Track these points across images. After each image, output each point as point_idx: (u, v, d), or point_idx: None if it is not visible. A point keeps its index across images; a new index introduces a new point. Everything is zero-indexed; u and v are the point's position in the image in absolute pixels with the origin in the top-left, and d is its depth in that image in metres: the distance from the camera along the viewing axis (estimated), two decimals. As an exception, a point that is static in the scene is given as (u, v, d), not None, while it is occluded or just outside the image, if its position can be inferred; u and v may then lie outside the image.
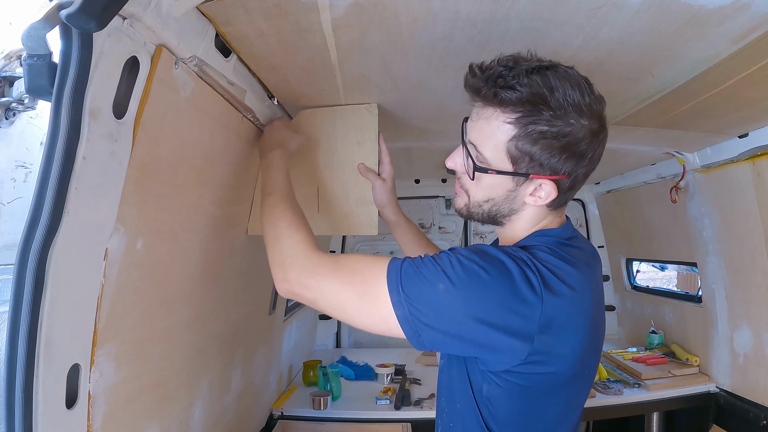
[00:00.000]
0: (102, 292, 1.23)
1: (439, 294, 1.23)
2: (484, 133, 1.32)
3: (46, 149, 1.01)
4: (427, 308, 1.24)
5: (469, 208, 1.44)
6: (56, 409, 1.11)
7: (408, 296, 1.25)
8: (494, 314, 1.21)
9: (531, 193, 1.34)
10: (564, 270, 1.28)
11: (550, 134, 1.23)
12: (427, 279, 1.24)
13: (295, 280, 1.44)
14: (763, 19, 1.35)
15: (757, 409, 2.89)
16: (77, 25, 0.95)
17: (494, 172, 1.32)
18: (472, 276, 1.23)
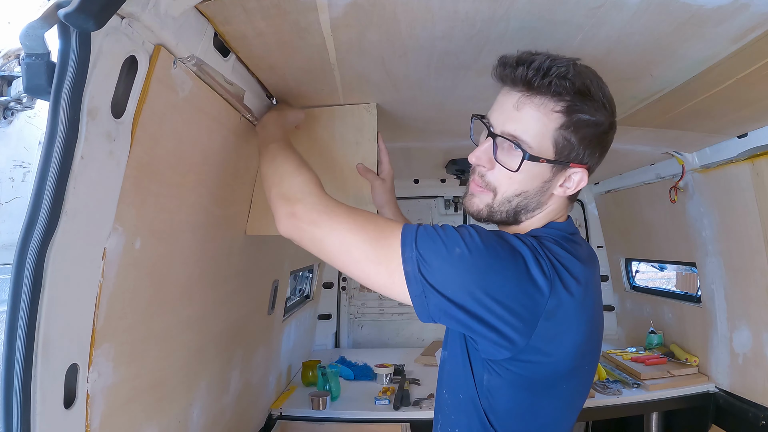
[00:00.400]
0: (100, 292, 1.22)
1: (453, 257, 1.21)
2: (529, 123, 1.29)
3: (44, 148, 1.01)
4: (438, 270, 1.21)
5: (492, 207, 1.39)
6: (54, 409, 1.11)
7: (421, 253, 1.23)
8: (505, 291, 1.20)
9: (561, 184, 1.36)
10: (571, 262, 1.29)
11: (591, 123, 1.29)
12: (443, 241, 1.23)
13: (303, 215, 1.41)
14: (762, 18, 1.35)
15: (756, 409, 2.89)
16: (75, 24, 0.95)
17: (544, 160, 1.30)
18: (489, 249, 1.23)
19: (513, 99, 1.31)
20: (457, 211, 4.90)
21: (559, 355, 1.29)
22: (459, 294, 1.20)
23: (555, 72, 1.24)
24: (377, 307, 4.98)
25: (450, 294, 1.20)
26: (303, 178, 1.51)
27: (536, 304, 1.21)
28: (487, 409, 1.35)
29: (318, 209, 1.40)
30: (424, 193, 4.81)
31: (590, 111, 1.27)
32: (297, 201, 1.43)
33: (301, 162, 1.60)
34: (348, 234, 1.33)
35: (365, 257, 1.30)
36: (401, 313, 4.96)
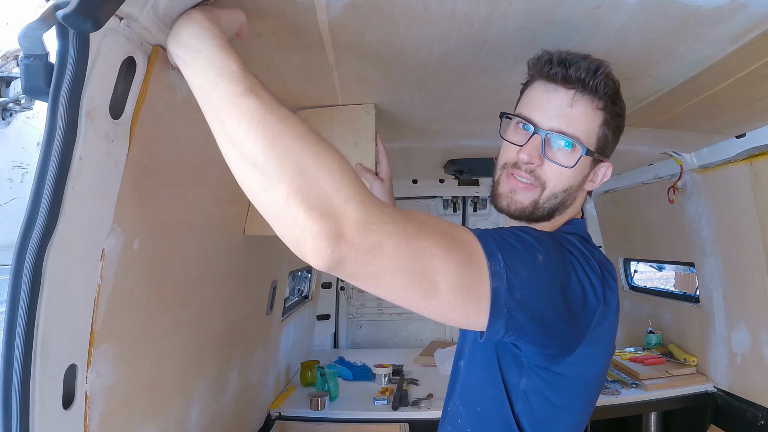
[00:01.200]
0: (99, 293, 1.22)
1: (538, 266, 1.10)
2: (581, 120, 1.32)
3: (43, 149, 1.01)
4: (527, 282, 1.07)
5: (538, 203, 1.35)
6: (53, 409, 1.11)
7: (509, 266, 1.06)
8: (574, 296, 1.15)
9: (591, 178, 1.40)
10: (608, 263, 1.30)
11: (621, 120, 1.38)
12: (524, 248, 1.11)
13: (360, 239, 0.91)
14: (760, 19, 1.35)
15: (755, 409, 2.89)
16: (74, 25, 0.94)
17: (597, 155, 1.35)
18: (556, 250, 1.17)
19: (565, 97, 1.32)
20: (455, 211, 4.91)
21: (601, 354, 1.30)
22: (542, 306, 1.09)
23: (602, 72, 1.30)
24: (376, 308, 4.98)
25: (534, 307, 1.08)
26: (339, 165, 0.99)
27: (591, 307, 1.18)
28: (522, 415, 1.29)
29: (383, 226, 0.94)
30: (422, 194, 4.81)
31: (621, 108, 1.37)
32: (346, 216, 0.91)
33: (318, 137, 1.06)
34: (434, 261, 0.99)
35: (456, 289, 1.03)
36: (400, 314, 4.97)
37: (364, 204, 0.94)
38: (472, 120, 2.33)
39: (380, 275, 0.95)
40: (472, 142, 2.84)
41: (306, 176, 0.92)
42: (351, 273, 0.94)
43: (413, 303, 1.02)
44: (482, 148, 2.95)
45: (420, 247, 0.97)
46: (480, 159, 3.32)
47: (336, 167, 0.96)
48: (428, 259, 0.98)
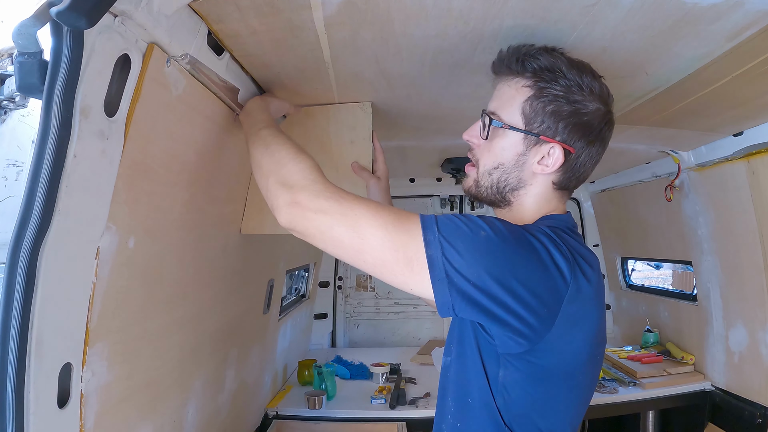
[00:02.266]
0: (93, 291, 1.22)
1: (479, 240, 1.18)
2: (503, 97, 1.43)
3: (37, 147, 1.00)
4: (465, 252, 1.16)
5: (478, 181, 1.46)
6: (48, 408, 1.11)
7: (444, 236, 1.18)
8: (530, 276, 1.19)
9: (539, 161, 1.39)
10: (583, 250, 1.32)
11: (562, 98, 1.35)
12: (467, 225, 1.20)
13: (308, 202, 1.29)
14: (757, 16, 1.35)
15: (753, 407, 2.89)
16: (67, 22, 0.94)
17: (507, 126, 1.39)
18: (513, 234, 1.22)
19: (497, 82, 1.48)
20: (453, 210, 4.91)
21: (578, 343, 1.30)
22: (485, 278, 1.16)
23: (525, 52, 1.39)
24: (373, 307, 4.98)
25: (476, 278, 1.15)
26: (305, 164, 1.39)
27: (559, 289, 1.21)
28: (503, 408, 1.31)
29: (325, 195, 1.29)
30: (419, 192, 4.81)
31: (563, 89, 1.35)
32: (301, 188, 1.32)
33: (299, 148, 1.47)
34: (362, 219, 1.23)
35: (381, 244, 1.21)
36: (397, 312, 4.97)
37: (317, 184, 1.32)
38: (469, 118, 2.31)
39: (322, 229, 1.27)
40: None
41: (282, 170, 1.39)
42: (304, 228, 1.30)
43: (350, 255, 1.27)
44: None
45: (350, 208, 1.25)
46: (477, 158, 3.32)
47: (302, 165, 1.39)
48: (357, 217, 1.24)
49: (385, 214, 1.24)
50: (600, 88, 1.39)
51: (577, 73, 1.36)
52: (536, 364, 1.27)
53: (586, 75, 1.37)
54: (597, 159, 1.45)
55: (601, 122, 1.39)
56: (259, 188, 1.46)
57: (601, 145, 1.43)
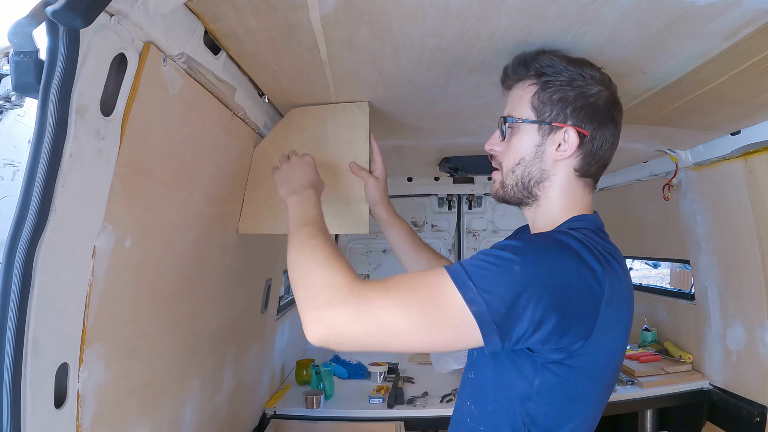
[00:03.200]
0: (90, 291, 1.22)
1: (515, 276, 1.17)
2: (513, 100, 1.51)
3: (33, 147, 1.00)
4: (506, 295, 1.16)
5: (504, 182, 1.51)
6: (45, 409, 1.11)
7: (482, 288, 1.16)
8: (570, 290, 1.20)
9: (557, 149, 1.43)
10: (614, 250, 1.34)
11: (566, 86, 1.42)
12: (498, 266, 1.19)
13: (332, 318, 1.22)
14: (755, 15, 1.35)
15: (750, 406, 2.89)
16: (63, 21, 0.94)
17: (520, 120, 1.46)
18: (542, 252, 1.23)
19: (506, 90, 1.57)
20: (450, 209, 4.91)
21: (613, 344, 1.33)
22: (530, 309, 1.16)
23: (525, 56, 1.49)
24: (371, 306, 4.96)
25: (522, 315, 1.16)
26: (330, 269, 1.32)
27: (596, 296, 1.22)
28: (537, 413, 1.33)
29: (352, 303, 1.22)
30: (417, 192, 4.81)
31: (566, 79, 1.43)
32: (323, 303, 1.24)
33: (332, 251, 1.41)
34: (395, 315, 1.19)
35: (425, 327, 1.19)
36: (395, 312, 4.95)
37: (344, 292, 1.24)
38: (467, 117, 2.33)
39: (365, 335, 1.20)
40: (467, 139, 2.84)
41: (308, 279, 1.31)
42: (337, 344, 1.23)
43: (398, 349, 1.26)
44: (477, 145, 2.93)
45: (381, 307, 1.20)
46: (475, 157, 3.31)
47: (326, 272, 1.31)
48: (389, 316, 1.19)
49: (417, 295, 1.21)
50: (600, 75, 1.45)
51: (577, 65, 1.43)
52: (574, 368, 1.28)
53: (585, 66, 1.44)
54: (612, 142, 1.47)
55: (607, 103, 1.44)
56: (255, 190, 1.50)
57: (614, 126, 1.46)
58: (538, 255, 1.22)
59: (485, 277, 1.18)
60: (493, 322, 1.15)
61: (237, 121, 1.88)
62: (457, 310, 1.16)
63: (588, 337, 1.22)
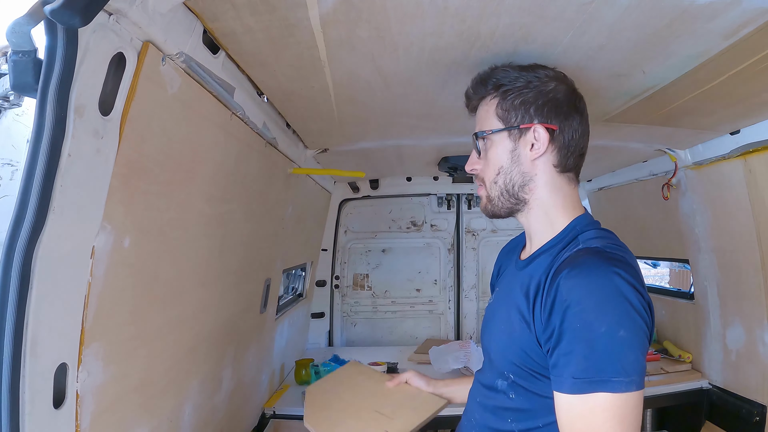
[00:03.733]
0: (89, 291, 1.22)
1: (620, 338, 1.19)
2: (480, 117, 1.58)
3: (31, 146, 1.01)
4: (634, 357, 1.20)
5: (490, 196, 1.55)
6: (43, 409, 1.11)
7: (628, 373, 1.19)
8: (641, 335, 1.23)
9: (531, 149, 1.48)
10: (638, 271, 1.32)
11: (524, 89, 1.49)
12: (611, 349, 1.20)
13: None
14: (754, 14, 1.35)
15: (750, 406, 2.90)
16: (61, 20, 0.94)
17: (489, 131, 1.52)
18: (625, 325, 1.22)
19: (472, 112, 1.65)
20: (449, 209, 4.91)
21: None
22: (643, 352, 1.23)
23: (481, 75, 1.57)
24: (370, 305, 4.98)
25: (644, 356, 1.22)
26: None
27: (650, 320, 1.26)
28: None
29: None
30: (416, 191, 4.82)
31: (522, 83, 1.50)
32: None
33: None
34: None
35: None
36: (394, 311, 4.97)
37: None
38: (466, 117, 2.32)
39: None
40: (466, 139, 2.82)
41: None
42: None
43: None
44: (476, 145, 2.94)
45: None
46: (474, 156, 3.32)
47: None
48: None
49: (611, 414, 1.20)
50: (554, 72, 1.53)
51: (529, 69, 1.52)
52: None
53: (538, 68, 1.53)
54: (582, 130, 1.52)
55: (567, 95, 1.50)
56: None
57: (579, 115, 1.51)
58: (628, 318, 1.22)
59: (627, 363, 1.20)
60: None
61: (236, 121, 1.88)
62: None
63: None
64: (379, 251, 4.97)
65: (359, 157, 3.27)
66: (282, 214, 2.98)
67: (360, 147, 3.04)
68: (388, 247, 4.93)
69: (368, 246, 4.96)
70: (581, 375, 1.19)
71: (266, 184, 2.53)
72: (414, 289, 5.00)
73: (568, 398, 1.22)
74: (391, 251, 4.96)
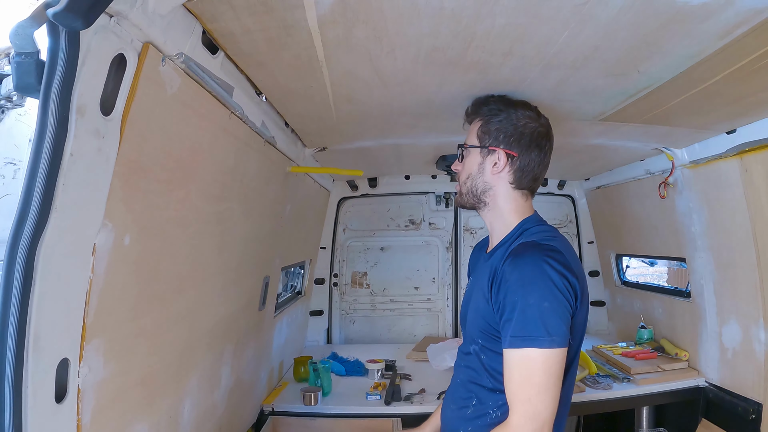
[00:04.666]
0: (90, 288, 1.23)
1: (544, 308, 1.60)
2: (469, 132, 2.00)
3: (34, 146, 1.02)
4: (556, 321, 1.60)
5: (461, 191, 1.99)
6: (46, 403, 1.12)
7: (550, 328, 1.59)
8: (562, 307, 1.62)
9: (493, 167, 1.88)
10: (572, 254, 1.78)
11: (503, 121, 1.88)
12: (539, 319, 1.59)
13: None
14: (748, 14, 1.36)
15: (746, 403, 2.91)
16: (64, 23, 0.96)
17: (467, 146, 1.96)
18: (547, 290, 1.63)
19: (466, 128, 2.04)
20: (447, 207, 4.92)
21: (580, 333, 1.76)
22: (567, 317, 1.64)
23: (478, 101, 2.00)
24: (369, 303, 5.00)
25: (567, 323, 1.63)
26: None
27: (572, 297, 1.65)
28: None
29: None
30: (414, 189, 4.83)
31: (503, 116, 1.89)
32: None
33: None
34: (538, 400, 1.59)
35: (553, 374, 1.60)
36: (393, 309, 4.99)
37: None
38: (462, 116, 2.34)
39: None
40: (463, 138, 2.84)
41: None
42: None
43: None
44: (473, 143, 2.95)
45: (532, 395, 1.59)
46: (472, 155, 3.32)
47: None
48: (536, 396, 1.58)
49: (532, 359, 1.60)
50: (532, 112, 1.90)
51: (513, 106, 1.90)
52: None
53: (519, 107, 1.90)
54: (539, 162, 1.90)
55: (533, 133, 1.87)
56: None
57: (539, 150, 1.89)
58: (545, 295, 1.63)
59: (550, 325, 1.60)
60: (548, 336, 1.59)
61: (235, 120, 1.89)
62: None
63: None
64: (377, 249, 4.98)
65: (357, 155, 3.27)
66: (281, 212, 3.00)
67: (358, 146, 3.06)
68: (386, 245, 4.94)
69: (367, 244, 4.97)
70: (516, 334, 1.60)
71: (265, 183, 2.54)
72: (412, 287, 5.01)
73: (508, 352, 1.63)
74: (389, 249, 4.97)
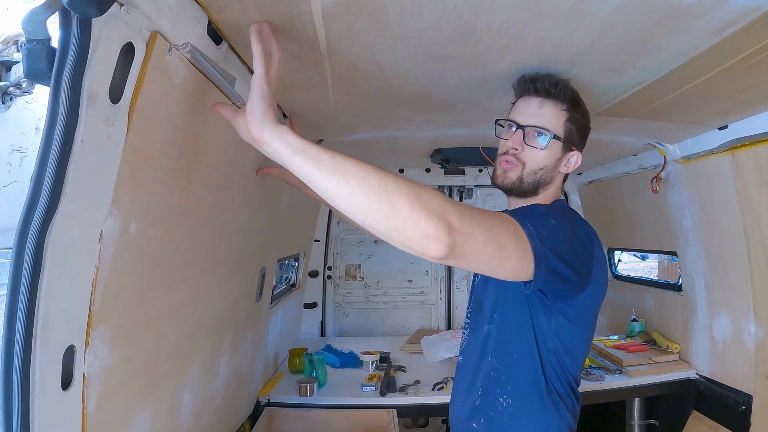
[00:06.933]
0: (96, 275, 1.24)
1: (552, 226, 1.56)
2: (549, 117, 1.82)
3: (45, 132, 1.03)
4: (549, 238, 1.51)
5: (522, 177, 1.85)
6: (53, 390, 1.13)
7: (536, 229, 1.50)
8: (582, 242, 1.67)
9: (565, 164, 1.88)
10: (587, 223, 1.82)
11: (582, 119, 1.87)
12: (539, 217, 1.56)
13: (461, 228, 1.29)
14: (742, 12, 1.39)
15: (736, 395, 2.96)
16: (78, 10, 0.97)
17: (562, 139, 1.83)
18: (561, 216, 1.65)
19: (536, 102, 1.83)
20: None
21: (603, 286, 1.82)
22: (564, 252, 1.56)
23: (562, 85, 1.81)
24: (362, 296, 5.02)
25: (558, 252, 1.53)
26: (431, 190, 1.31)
27: (592, 248, 1.71)
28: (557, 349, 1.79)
29: (469, 216, 1.34)
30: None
31: (583, 112, 1.87)
32: (449, 214, 1.28)
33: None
34: (500, 231, 1.44)
35: (516, 249, 1.46)
36: (386, 302, 5.02)
37: (457, 207, 1.33)
38: (459, 109, 2.36)
39: (477, 249, 1.35)
40: (459, 131, 2.86)
41: (421, 195, 1.27)
42: (460, 252, 1.30)
43: (498, 265, 1.46)
44: (469, 137, 2.97)
45: (492, 225, 1.41)
46: (466, 148, 3.32)
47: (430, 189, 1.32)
48: (498, 231, 1.42)
49: (508, 223, 1.48)
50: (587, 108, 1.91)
51: (582, 101, 1.88)
52: (579, 308, 1.76)
53: (583, 102, 1.88)
54: None
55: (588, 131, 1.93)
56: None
57: None
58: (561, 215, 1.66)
59: (534, 222, 1.53)
60: (542, 254, 1.49)
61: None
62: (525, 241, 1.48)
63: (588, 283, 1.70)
64: (371, 242, 5.00)
65: (353, 148, 3.28)
66: (277, 203, 3.01)
67: (354, 138, 3.07)
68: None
69: (360, 237, 4.98)
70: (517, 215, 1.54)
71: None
72: (406, 280, 5.04)
73: None
74: (383, 242, 4.92)
